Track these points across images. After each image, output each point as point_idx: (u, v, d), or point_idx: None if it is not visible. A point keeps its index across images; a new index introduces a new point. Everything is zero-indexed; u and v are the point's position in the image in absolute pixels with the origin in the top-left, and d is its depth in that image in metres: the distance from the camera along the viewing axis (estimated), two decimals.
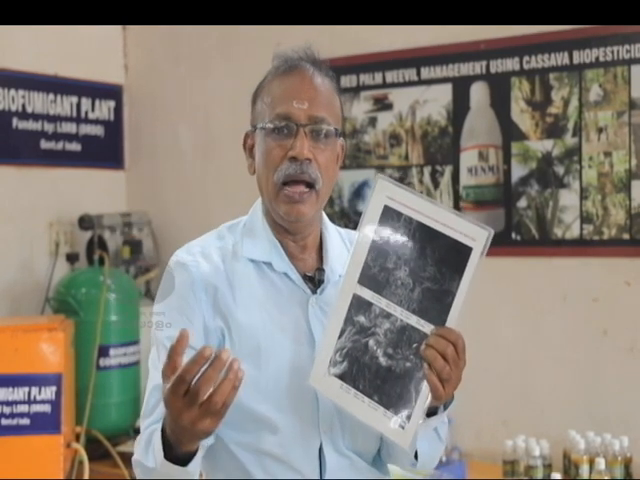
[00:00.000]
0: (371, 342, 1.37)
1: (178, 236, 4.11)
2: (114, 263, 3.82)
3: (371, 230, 1.39)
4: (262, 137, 1.56)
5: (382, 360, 1.36)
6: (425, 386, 1.33)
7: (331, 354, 1.39)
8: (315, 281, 1.56)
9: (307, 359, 1.47)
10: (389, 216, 1.37)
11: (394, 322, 1.35)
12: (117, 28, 4.20)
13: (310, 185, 1.51)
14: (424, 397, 1.34)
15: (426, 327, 1.34)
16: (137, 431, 3.84)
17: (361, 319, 1.38)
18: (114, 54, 4.25)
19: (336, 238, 1.64)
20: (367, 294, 1.38)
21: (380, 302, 1.37)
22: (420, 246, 1.34)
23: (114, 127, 4.25)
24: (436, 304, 1.33)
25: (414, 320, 1.34)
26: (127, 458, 3.30)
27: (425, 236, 1.34)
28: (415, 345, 1.34)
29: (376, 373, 1.36)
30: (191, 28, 3.92)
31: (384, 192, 1.39)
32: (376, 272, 1.37)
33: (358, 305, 1.38)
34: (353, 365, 1.36)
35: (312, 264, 1.59)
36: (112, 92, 4.24)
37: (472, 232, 1.32)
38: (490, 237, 1.30)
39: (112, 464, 3.31)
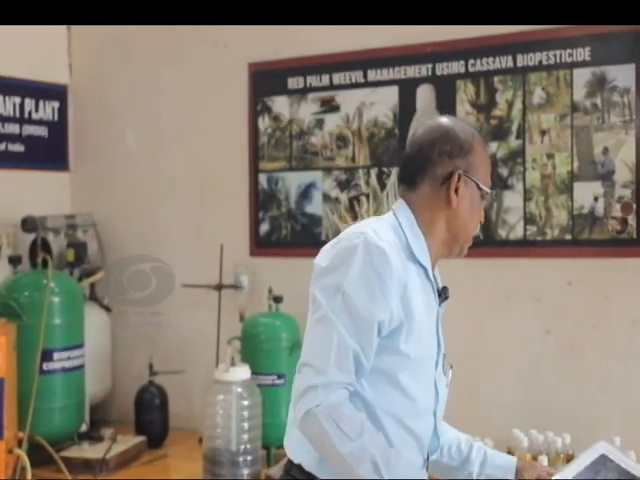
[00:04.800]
0: None
1: (123, 238, 4.08)
2: (58, 266, 3.76)
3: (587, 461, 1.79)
4: (477, 194, 1.87)
5: None
6: None
7: None
8: (442, 295, 1.92)
9: (434, 354, 1.89)
10: (604, 461, 1.76)
11: None
12: (62, 27, 4.14)
13: None
14: None
15: None
16: (81, 436, 3.79)
17: None
18: (59, 53, 4.19)
19: None
20: None
21: None
22: None
23: (58, 128, 4.19)
24: None
25: None
26: (71, 463, 3.27)
27: None
28: None
29: None
30: (138, 28, 3.88)
31: (604, 448, 1.79)
32: None
33: None
34: None
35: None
36: (56, 92, 4.18)
37: None
38: None
39: (55, 470, 3.25)
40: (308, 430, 1.68)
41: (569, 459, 2.94)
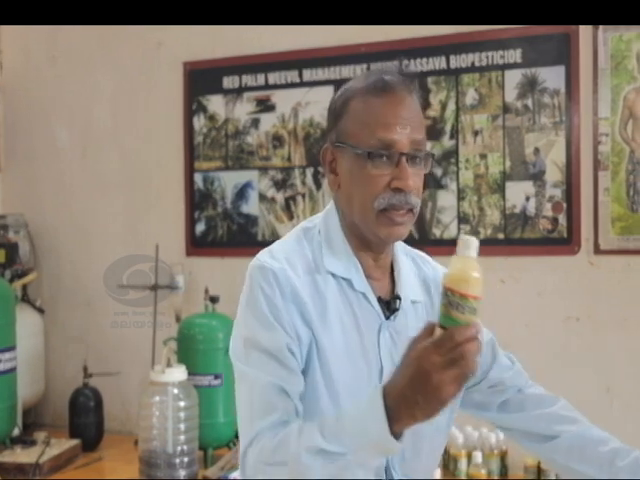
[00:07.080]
0: None
1: (56, 239, 4.02)
2: None
3: None
4: (357, 160, 1.46)
5: None
6: None
7: None
8: (390, 306, 1.55)
9: (375, 379, 1.49)
10: None
11: None
12: None
13: (410, 209, 1.48)
14: None
15: None
16: (13, 440, 3.72)
17: None
18: None
19: (407, 262, 1.63)
20: None
21: None
22: None
23: None
24: None
25: None
26: (3, 468, 3.21)
27: None
28: None
29: None
30: (70, 27, 3.83)
31: None
32: None
33: None
34: None
35: (385, 287, 1.57)
36: None
37: None
38: None
39: None
40: None
41: (503, 455, 3.01)
